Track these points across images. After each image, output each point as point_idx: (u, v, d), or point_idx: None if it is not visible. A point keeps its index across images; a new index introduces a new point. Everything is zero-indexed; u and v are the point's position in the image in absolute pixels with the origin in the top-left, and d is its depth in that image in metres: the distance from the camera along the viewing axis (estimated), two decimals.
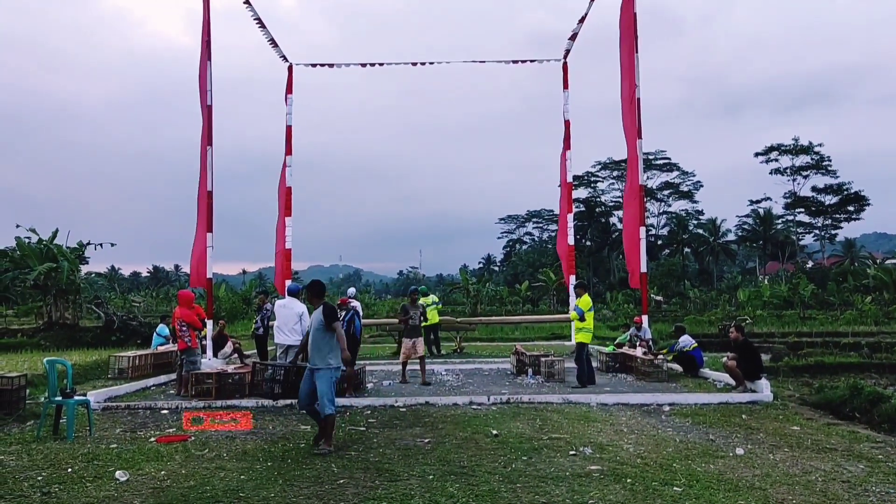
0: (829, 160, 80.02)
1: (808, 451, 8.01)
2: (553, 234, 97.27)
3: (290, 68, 22.57)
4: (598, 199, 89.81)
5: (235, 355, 16.43)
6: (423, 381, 13.62)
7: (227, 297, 43.82)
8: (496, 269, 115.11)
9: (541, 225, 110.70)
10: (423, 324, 19.72)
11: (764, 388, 11.95)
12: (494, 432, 9.00)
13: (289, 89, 22.49)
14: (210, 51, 16.89)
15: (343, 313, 12.59)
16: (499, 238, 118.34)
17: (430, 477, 6.81)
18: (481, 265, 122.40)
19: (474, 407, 11.25)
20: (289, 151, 22.11)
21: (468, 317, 33.69)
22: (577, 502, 5.97)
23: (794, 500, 6.01)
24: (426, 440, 8.58)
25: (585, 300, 13.47)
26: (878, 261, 74.23)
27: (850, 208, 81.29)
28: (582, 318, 13.40)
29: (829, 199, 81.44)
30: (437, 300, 21.04)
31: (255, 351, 16.42)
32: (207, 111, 16.79)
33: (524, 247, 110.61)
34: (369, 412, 10.86)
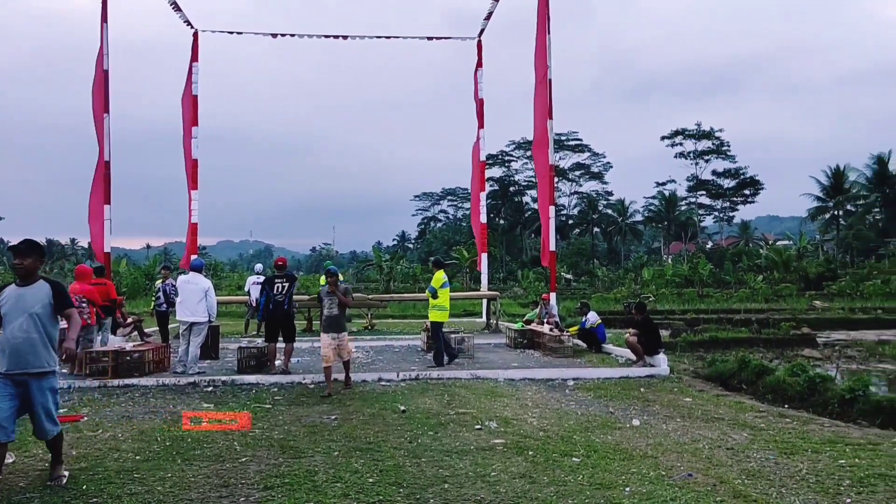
0: (729, 145, 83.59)
1: (698, 421, 8.43)
2: (468, 212, 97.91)
3: (195, 35, 21.73)
4: (512, 179, 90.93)
5: (135, 332, 15.86)
6: (346, 385, 10.97)
7: (128, 273, 42.13)
8: (410, 246, 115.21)
9: (455, 203, 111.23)
10: None
11: (662, 363, 12.49)
12: (402, 408, 9.06)
13: (194, 57, 21.67)
14: (107, 12, 16.04)
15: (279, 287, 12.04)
16: (413, 215, 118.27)
17: (336, 453, 6.80)
18: (395, 242, 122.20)
19: (383, 383, 11.28)
20: (195, 122, 21.35)
21: (381, 294, 33.63)
22: (480, 475, 6.08)
23: (682, 467, 6.33)
24: (333, 417, 8.55)
25: (438, 277, 13.14)
26: (769, 242, 78.31)
27: (746, 192, 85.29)
28: (434, 296, 13.03)
29: (728, 183, 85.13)
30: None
31: (157, 328, 15.90)
32: (104, 76, 15.98)
33: (439, 225, 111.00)
34: (276, 389, 10.72)
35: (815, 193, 69.51)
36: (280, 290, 11.93)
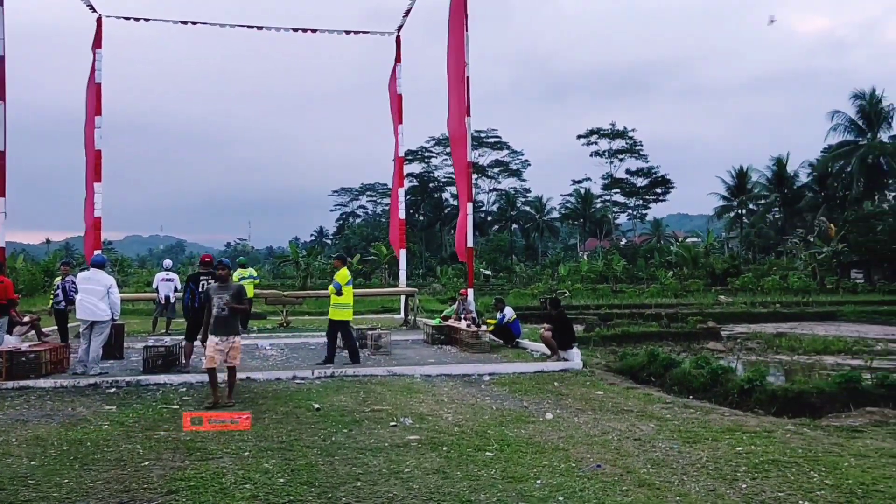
0: (641, 145, 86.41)
1: (608, 414, 8.65)
2: (387, 207, 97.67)
3: (98, 20, 20.78)
4: (432, 175, 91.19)
5: (32, 332, 15.04)
6: (228, 397, 9.30)
7: (25, 269, 40.00)
8: (329, 242, 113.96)
9: (374, 198, 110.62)
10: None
11: (575, 357, 12.76)
12: (316, 406, 8.93)
13: (97, 43, 20.72)
14: None
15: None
16: (332, 211, 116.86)
17: (246, 454, 6.63)
18: (313, 238, 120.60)
19: (297, 381, 11.10)
20: (98, 111, 20.43)
21: (297, 290, 33.11)
22: (394, 472, 6.06)
23: (592, 458, 6.47)
24: (245, 416, 8.33)
25: (343, 273, 12.92)
26: (679, 239, 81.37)
27: (658, 190, 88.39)
28: (339, 293, 12.72)
29: (641, 182, 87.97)
30: (254, 274, 20.33)
31: (56, 327, 15.13)
32: None
33: (358, 220, 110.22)
34: (185, 389, 10.38)
35: (720, 193, 72.78)
36: (205, 287, 11.56)
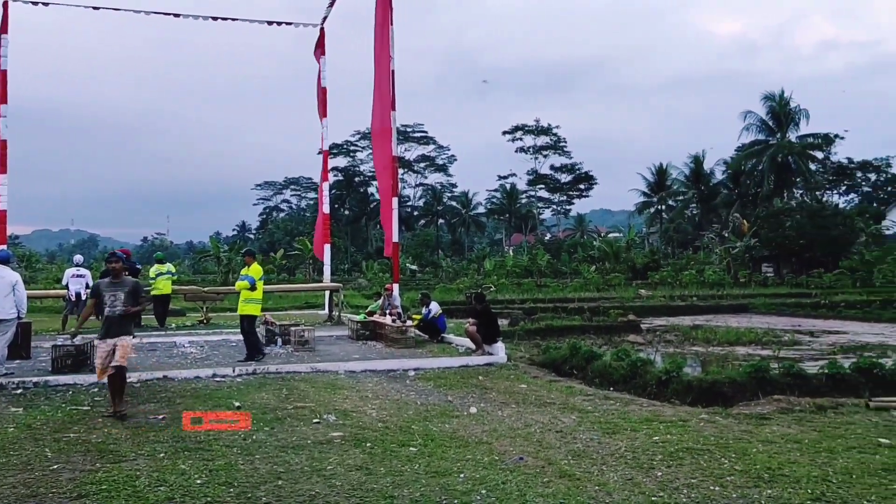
0: (565, 142, 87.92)
1: (531, 406, 8.77)
2: (311, 201, 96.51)
3: (4, 4, 19.68)
4: (357, 169, 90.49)
5: None
6: (117, 405, 8.14)
7: None
8: (252, 236, 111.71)
9: (299, 192, 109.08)
10: (157, 292, 18.42)
11: (499, 351, 12.87)
12: (237, 404, 8.74)
13: (3, 28, 19.63)
14: None
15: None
16: (255, 205, 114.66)
17: (161, 455, 6.42)
18: (235, 233, 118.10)
19: (217, 379, 10.82)
20: (3, 100, 19.35)
21: (218, 286, 32.31)
22: (316, 469, 5.98)
23: (515, 451, 6.55)
24: (161, 416, 8.08)
25: (256, 269, 12.73)
26: (602, 234, 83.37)
27: (582, 186, 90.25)
28: (253, 288, 12.54)
29: (565, 178, 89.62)
30: (172, 270, 19.69)
31: None
32: None
33: (281, 214, 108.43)
34: (96, 390, 9.95)
35: (641, 189, 74.89)
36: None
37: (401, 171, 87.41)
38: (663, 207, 74.69)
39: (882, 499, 5.17)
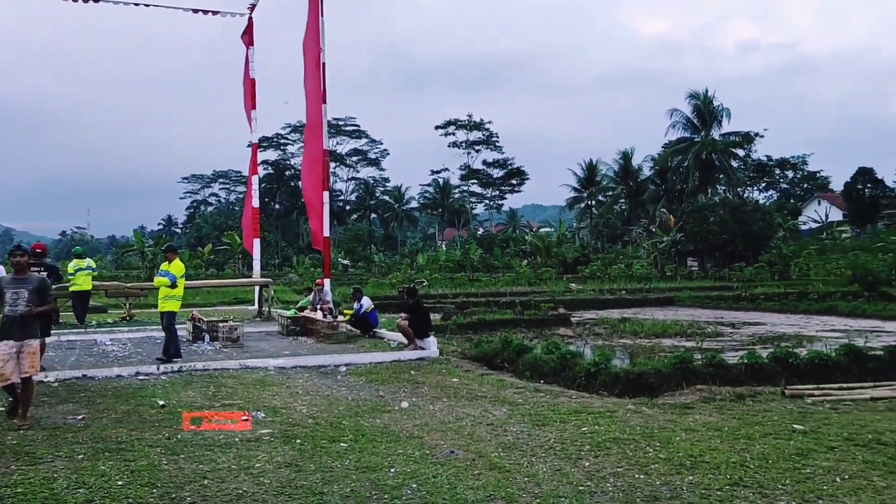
0: (498, 137, 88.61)
1: (462, 400, 8.81)
2: (240, 195, 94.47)
3: None
4: (288, 162, 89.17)
5: None
6: (22, 417, 7.47)
7: None
8: (178, 231, 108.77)
9: (228, 186, 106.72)
10: (76, 288, 17.66)
11: (432, 346, 12.90)
12: (161, 403, 8.48)
13: None
14: None
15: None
16: (182, 198, 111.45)
17: (80, 456, 6.18)
18: (161, 227, 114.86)
19: (141, 378, 10.49)
20: None
21: (142, 282, 31.32)
22: (244, 467, 5.86)
23: (446, 444, 6.56)
24: (80, 417, 7.78)
25: (178, 265, 12.03)
26: (534, 229, 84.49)
27: (514, 181, 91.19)
28: (174, 285, 11.84)
29: (497, 173, 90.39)
30: (92, 265, 18.93)
31: None
32: None
33: (210, 208, 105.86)
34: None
35: (572, 185, 76.18)
36: None
37: (333, 164, 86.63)
38: (593, 203, 76.23)
39: (795, 482, 5.40)
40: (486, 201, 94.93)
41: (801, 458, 6.01)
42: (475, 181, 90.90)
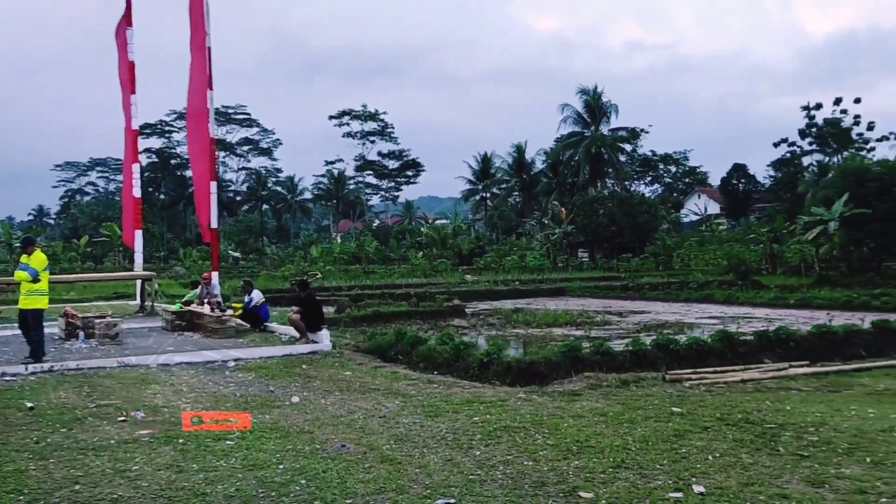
0: (393, 128, 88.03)
1: (355, 394, 8.71)
2: (121, 184, 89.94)
3: None
4: (174, 151, 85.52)
5: None
6: None
7: None
8: (51, 222, 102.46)
9: (107, 174, 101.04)
10: None
11: (324, 339, 12.70)
12: (30, 405, 7.94)
13: None
14: None
15: None
16: (55, 187, 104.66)
17: None
18: (32, 217, 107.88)
19: (7, 378, 9.79)
20: None
21: (7, 276, 29.24)
22: (119, 471, 5.55)
23: (337, 439, 6.46)
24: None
25: (39, 258, 11.00)
26: (430, 221, 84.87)
27: (409, 173, 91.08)
28: (36, 279, 10.83)
29: (393, 164, 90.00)
30: None
31: None
32: None
33: (87, 198, 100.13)
34: None
35: (467, 177, 76.93)
36: None
37: (222, 154, 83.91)
38: (488, 195, 77.29)
39: (672, 462, 5.64)
40: (382, 193, 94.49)
41: (678, 439, 6.28)
42: (370, 172, 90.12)
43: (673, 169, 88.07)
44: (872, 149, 56.84)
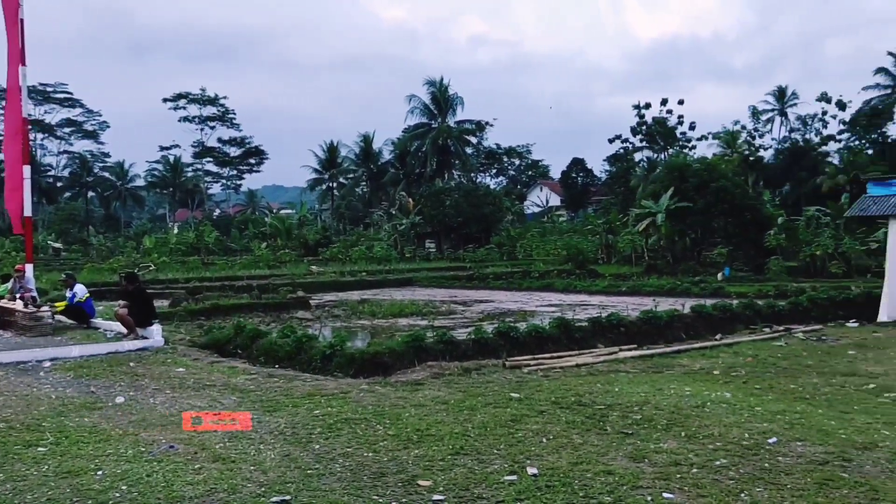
0: (234, 113, 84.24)
1: (188, 391, 8.25)
2: None
3: None
4: None
5: None
6: None
7: None
8: None
9: None
10: None
11: (156, 334, 11.97)
12: None
13: None
14: None
15: None
16: None
17: None
18: None
19: None
20: None
21: None
22: None
23: (165, 440, 6.07)
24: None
25: None
26: (274, 210, 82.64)
27: (252, 161, 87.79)
28: None
29: (234, 151, 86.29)
30: None
31: None
32: None
33: None
34: None
35: (313, 166, 75.46)
36: None
37: (40, 135, 77.17)
38: (335, 185, 76.35)
39: (509, 446, 5.79)
40: (223, 181, 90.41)
41: (515, 424, 6.46)
42: (210, 159, 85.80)
43: (517, 162, 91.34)
44: (694, 147, 62.07)
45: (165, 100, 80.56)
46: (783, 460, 5.35)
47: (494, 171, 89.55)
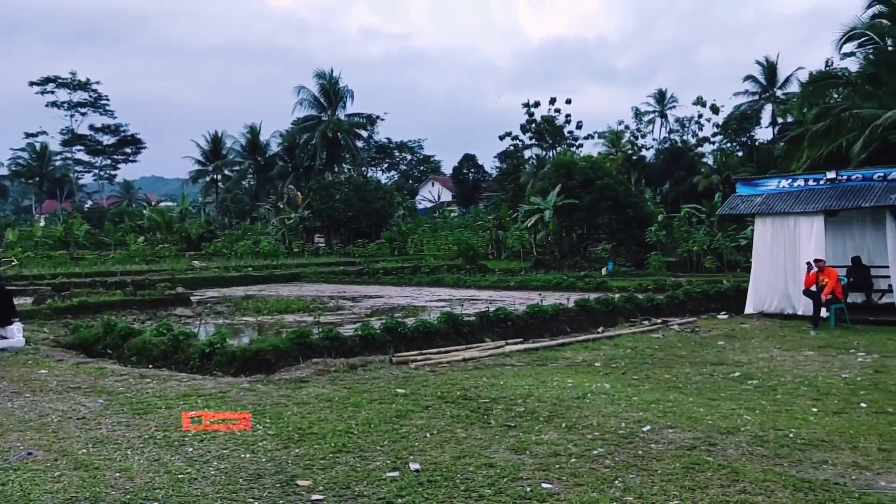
0: (107, 99, 79.55)
1: (50, 394, 7.71)
2: None
3: None
4: None
5: None
6: None
7: None
8: None
9: None
10: None
11: (16, 334, 11.20)
12: None
13: None
14: None
15: None
16: None
17: None
18: None
19: None
20: None
21: None
22: None
23: (23, 446, 5.65)
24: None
25: None
26: (153, 203, 78.87)
27: (128, 150, 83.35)
28: None
29: (108, 140, 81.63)
30: None
31: None
32: None
33: None
34: None
35: (196, 157, 72.45)
36: None
37: None
38: (219, 177, 73.64)
39: (392, 442, 5.71)
40: (96, 171, 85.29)
41: (400, 419, 6.40)
42: (81, 148, 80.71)
43: (408, 157, 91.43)
44: (581, 145, 64.12)
45: (32, 83, 75.23)
46: (655, 447, 5.55)
47: (386, 165, 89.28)
